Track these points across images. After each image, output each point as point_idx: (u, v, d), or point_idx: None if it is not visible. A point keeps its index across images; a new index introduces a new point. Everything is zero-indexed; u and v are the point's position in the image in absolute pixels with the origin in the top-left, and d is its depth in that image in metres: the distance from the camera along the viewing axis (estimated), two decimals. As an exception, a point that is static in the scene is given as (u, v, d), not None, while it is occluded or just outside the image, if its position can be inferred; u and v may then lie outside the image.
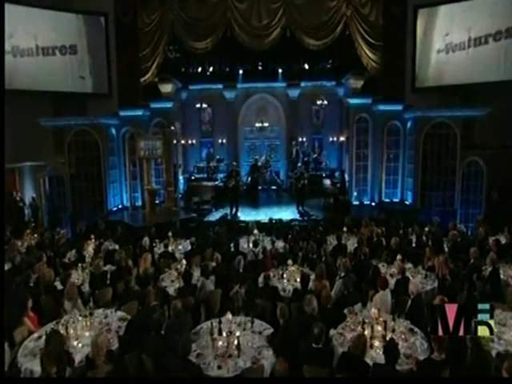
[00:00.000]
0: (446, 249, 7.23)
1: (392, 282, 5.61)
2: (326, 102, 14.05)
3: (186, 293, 5.64)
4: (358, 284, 5.55)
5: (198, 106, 14.54)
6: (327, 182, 12.26)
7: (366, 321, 4.33)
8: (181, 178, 14.98)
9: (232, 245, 7.42)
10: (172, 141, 11.89)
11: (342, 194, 11.36)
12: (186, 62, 13.79)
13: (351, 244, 7.46)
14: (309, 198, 11.89)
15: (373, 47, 11.77)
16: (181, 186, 13.69)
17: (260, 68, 14.20)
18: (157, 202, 12.04)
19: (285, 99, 14.98)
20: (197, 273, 6.15)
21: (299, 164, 13.12)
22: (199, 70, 13.86)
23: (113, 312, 5.10)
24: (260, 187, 13.62)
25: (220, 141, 15.53)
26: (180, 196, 12.76)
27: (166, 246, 7.59)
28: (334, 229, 8.40)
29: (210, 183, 12.34)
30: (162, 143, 11.07)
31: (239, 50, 12.54)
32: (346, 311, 4.70)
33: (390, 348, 3.49)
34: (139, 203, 11.88)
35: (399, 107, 11.50)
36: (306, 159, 13.98)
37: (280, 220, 9.53)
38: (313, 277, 5.68)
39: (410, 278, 5.64)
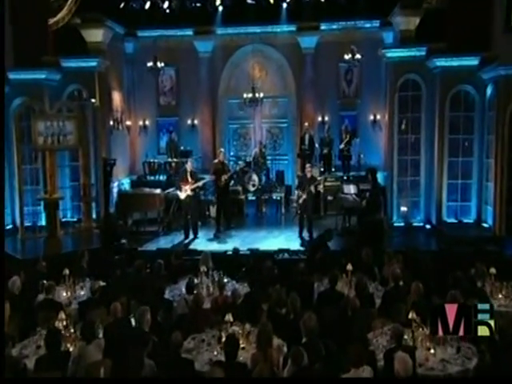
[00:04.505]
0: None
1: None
2: (359, 56, 13.96)
3: (51, 365, 5.73)
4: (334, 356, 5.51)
5: (151, 64, 14.74)
6: (350, 189, 12.12)
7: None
8: (125, 181, 15.33)
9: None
10: (104, 122, 12.10)
11: (373, 209, 11.17)
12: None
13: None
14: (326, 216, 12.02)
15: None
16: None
17: (251, 1, 14.33)
18: (73, 220, 12.33)
19: (294, 53, 15.15)
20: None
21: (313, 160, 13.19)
22: (147, 5, 14.06)
23: None
24: (254, 197, 13.80)
25: (189, 122, 15.84)
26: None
27: (48, 292, 7.75)
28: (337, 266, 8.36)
29: (157, 191, 12.42)
30: (77, 125, 11.30)
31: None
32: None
33: None
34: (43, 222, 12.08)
35: (474, 61, 11.38)
36: (325, 151, 14.00)
37: (255, 250, 9.60)
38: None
39: (427, 347, 5.60)
